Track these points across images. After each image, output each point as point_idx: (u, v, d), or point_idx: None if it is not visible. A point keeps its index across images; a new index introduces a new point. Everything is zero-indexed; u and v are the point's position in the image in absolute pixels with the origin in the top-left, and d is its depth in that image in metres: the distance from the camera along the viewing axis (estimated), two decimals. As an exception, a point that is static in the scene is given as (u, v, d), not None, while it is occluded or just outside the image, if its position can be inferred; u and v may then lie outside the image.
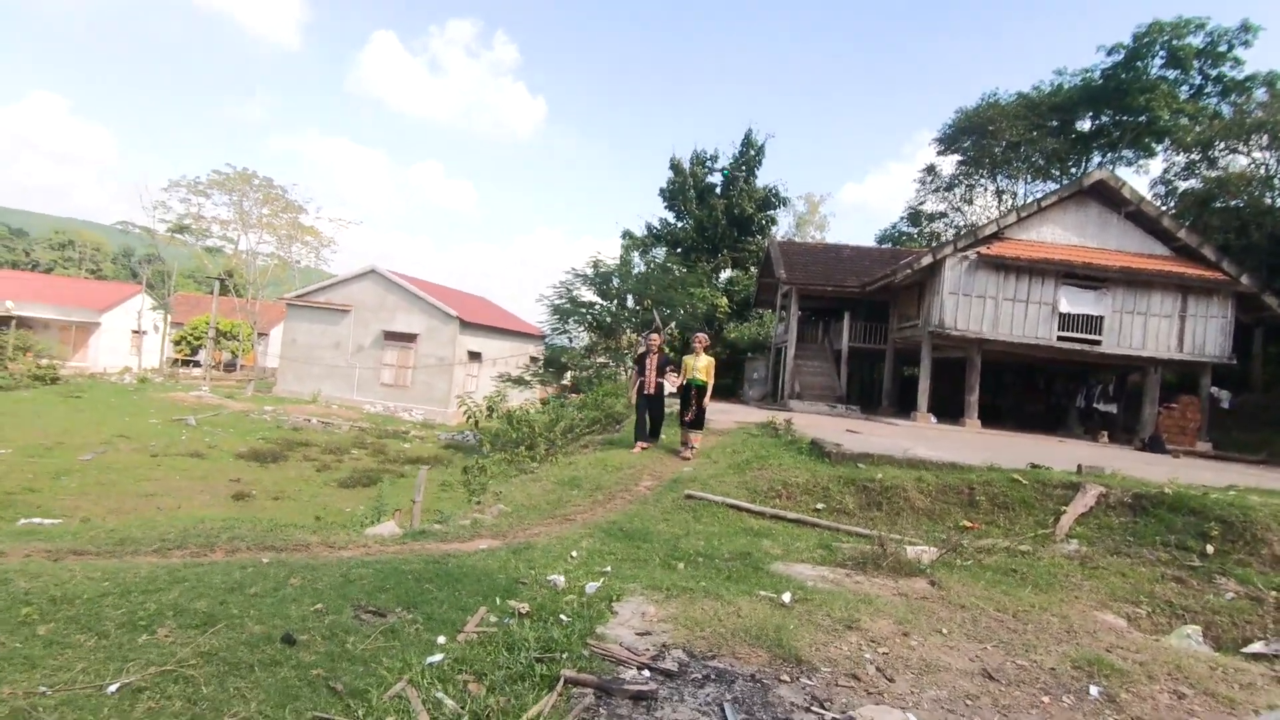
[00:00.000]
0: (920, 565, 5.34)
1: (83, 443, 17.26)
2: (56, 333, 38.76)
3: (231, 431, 21.43)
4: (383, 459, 20.05)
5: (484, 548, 5.13)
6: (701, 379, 9.14)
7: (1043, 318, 16.26)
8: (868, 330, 21.00)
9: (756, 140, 29.67)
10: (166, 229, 38.86)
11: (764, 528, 6.28)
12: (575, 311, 23.96)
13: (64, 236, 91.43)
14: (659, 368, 9.50)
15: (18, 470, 14.11)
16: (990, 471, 7.63)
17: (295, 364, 31.61)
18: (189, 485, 14.75)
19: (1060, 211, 16.93)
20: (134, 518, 9.76)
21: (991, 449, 10.74)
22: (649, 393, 9.46)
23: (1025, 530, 6.55)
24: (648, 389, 9.43)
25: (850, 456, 7.90)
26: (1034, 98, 31.75)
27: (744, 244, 29.49)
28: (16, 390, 23.89)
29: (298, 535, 4.93)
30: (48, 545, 4.39)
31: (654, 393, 9.44)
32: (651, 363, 9.50)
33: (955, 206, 36.95)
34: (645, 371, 9.51)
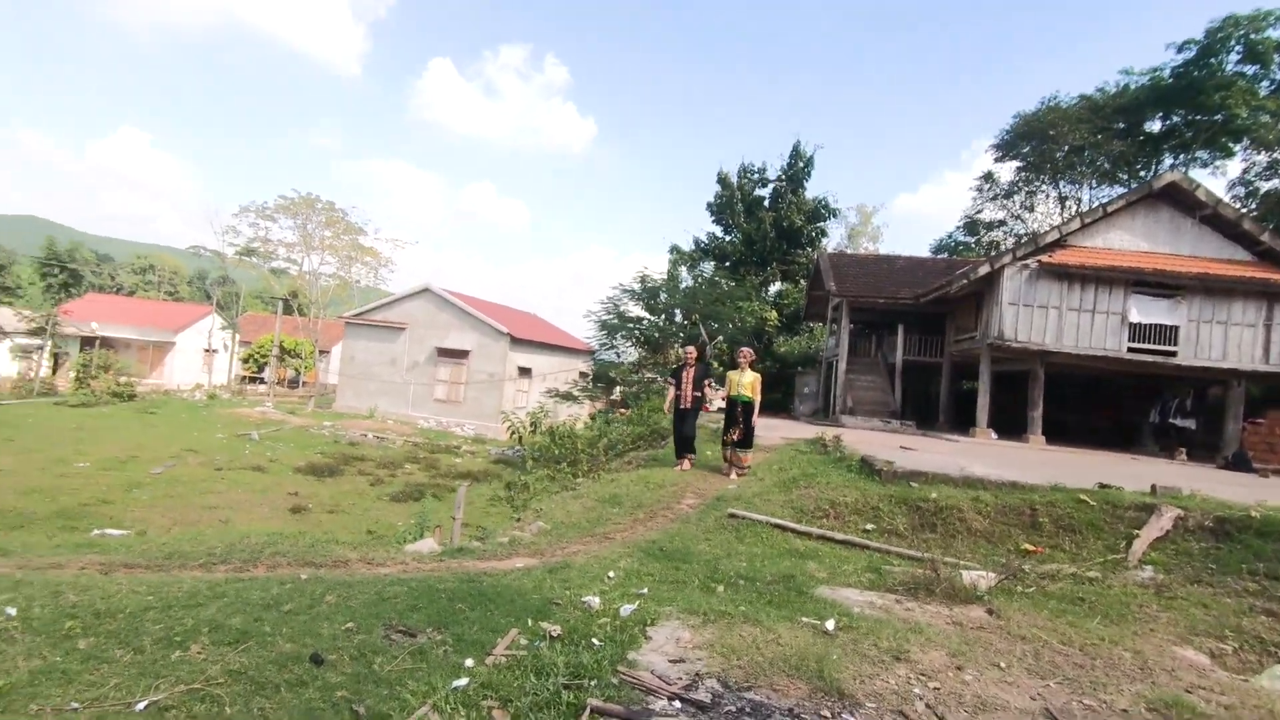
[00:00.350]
0: (977, 592, 5.03)
1: (154, 457, 18.08)
2: (135, 352, 41.04)
3: (292, 446, 22.15)
4: (434, 473, 20.37)
5: (520, 566, 5.07)
6: (748, 395, 8.80)
7: (1111, 328, 15.43)
8: (923, 343, 20.34)
9: (805, 152, 29.33)
10: (235, 252, 40.78)
11: (810, 549, 6.05)
12: (623, 327, 24.00)
13: (145, 261, 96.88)
14: (695, 381, 9.23)
15: (94, 483, 14.85)
16: (1054, 491, 7.21)
17: (353, 380, 32.58)
18: (250, 498, 15.25)
19: (1128, 217, 16.10)
20: (194, 530, 10.11)
21: (1056, 467, 10.19)
22: (684, 406, 9.21)
23: (1094, 555, 6.13)
24: (683, 403, 9.20)
25: (902, 475, 7.58)
26: (1098, 100, 30.48)
27: (793, 256, 29.09)
28: (98, 407, 25.28)
29: (338, 551, 4.98)
30: (102, 558, 4.54)
31: (689, 406, 9.20)
32: (687, 376, 9.25)
33: (1015, 214, 35.69)
34: (681, 385, 9.25)
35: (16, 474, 14.96)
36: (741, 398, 8.78)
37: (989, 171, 35.50)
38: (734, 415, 8.78)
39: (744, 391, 8.79)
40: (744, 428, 8.71)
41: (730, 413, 8.88)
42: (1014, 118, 32.39)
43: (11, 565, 4.39)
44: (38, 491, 13.64)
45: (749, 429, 8.77)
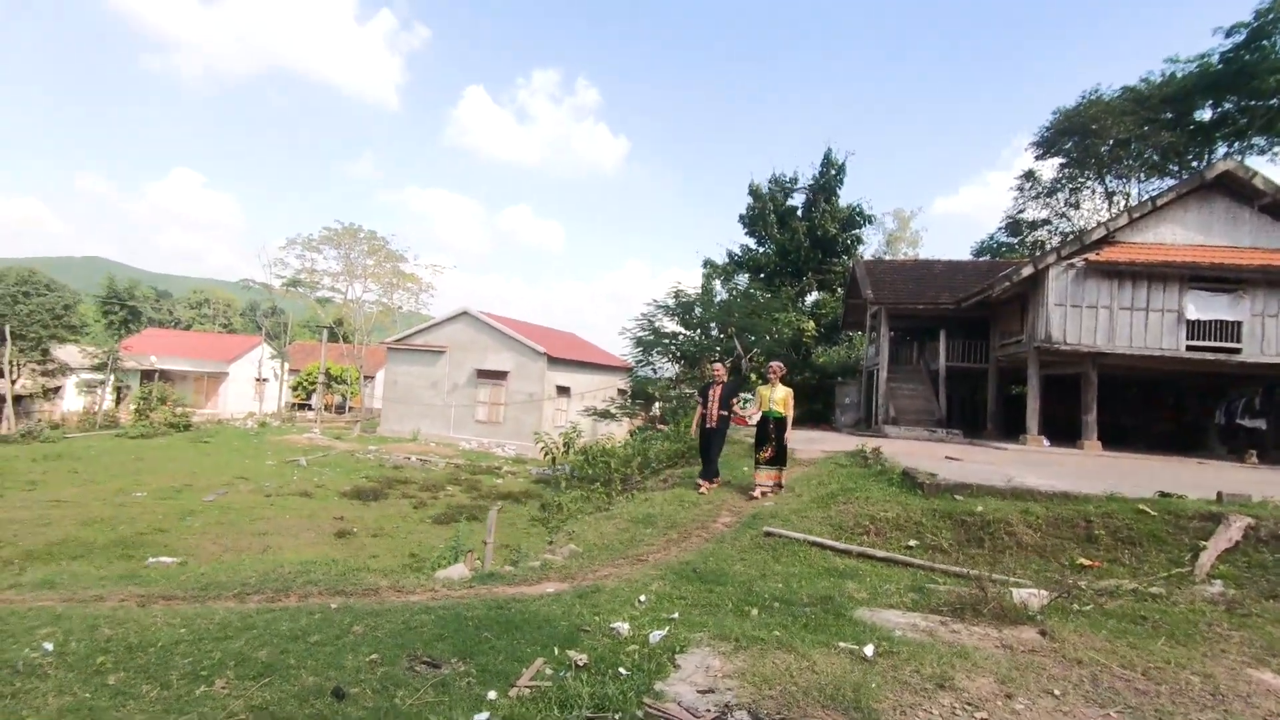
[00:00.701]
0: (1028, 611, 4.76)
1: (207, 485, 18.65)
2: (191, 383, 42.67)
3: (338, 471, 22.61)
4: (475, 495, 20.52)
5: (551, 591, 5.00)
6: (779, 411, 8.51)
7: (1167, 327, 14.73)
8: (967, 348, 19.76)
9: (836, 159, 29.01)
10: (281, 284, 42.11)
11: (850, 568, 5.84)
12: (658, 343, 23.93)
13: (200, 296, 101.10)
14: (722, 399, 8.99)
15: (151, 511, 15.37)
16: (1111, 501, 6.84)
17: (396, 404, 33.19)
18: (297, 524, 15.57)
19: (1180, 209, 15.41)
20: (240, 557, 10.33)
21: (1114, 474, 9.72)
22: (710, 426, 8.96)
23: (1156, 569, 5.78)
24: (709, 421, 8.96)
25: (946, 487, 7.29)
26: (1142, 91, 29.42)
27: (829, 265, 28.69)
28: (156, 437, 26.28)
29: (368, 580, 4.99)
30: (142, 590, 4.62)
31: (715, 425, 8.94)
32: (714, 394, 9.02)
33: (1060, 212, 34.58)
34: (708, 403, 9.02)
35: (79, 504, 15.59)
36: (773, 413, 8.51)
37: (1030, 170, 34.53)
38: (765, 432, 8.51)
39: (775, 407, 8.52)
40: (776, 445, 8.44)
41: (762, 430, 8.60)
42: (1053, 113, 31.50)
43: (57, 598, 4.51)
44: (98, 521, 14.16)
45: (781, 446, 8.49)
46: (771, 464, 8.44)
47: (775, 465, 8.46)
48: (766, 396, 8.67)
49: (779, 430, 8.45)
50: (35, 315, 31.66)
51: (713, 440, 9.01)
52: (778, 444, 8.43)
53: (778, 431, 8.44)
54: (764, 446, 8.50)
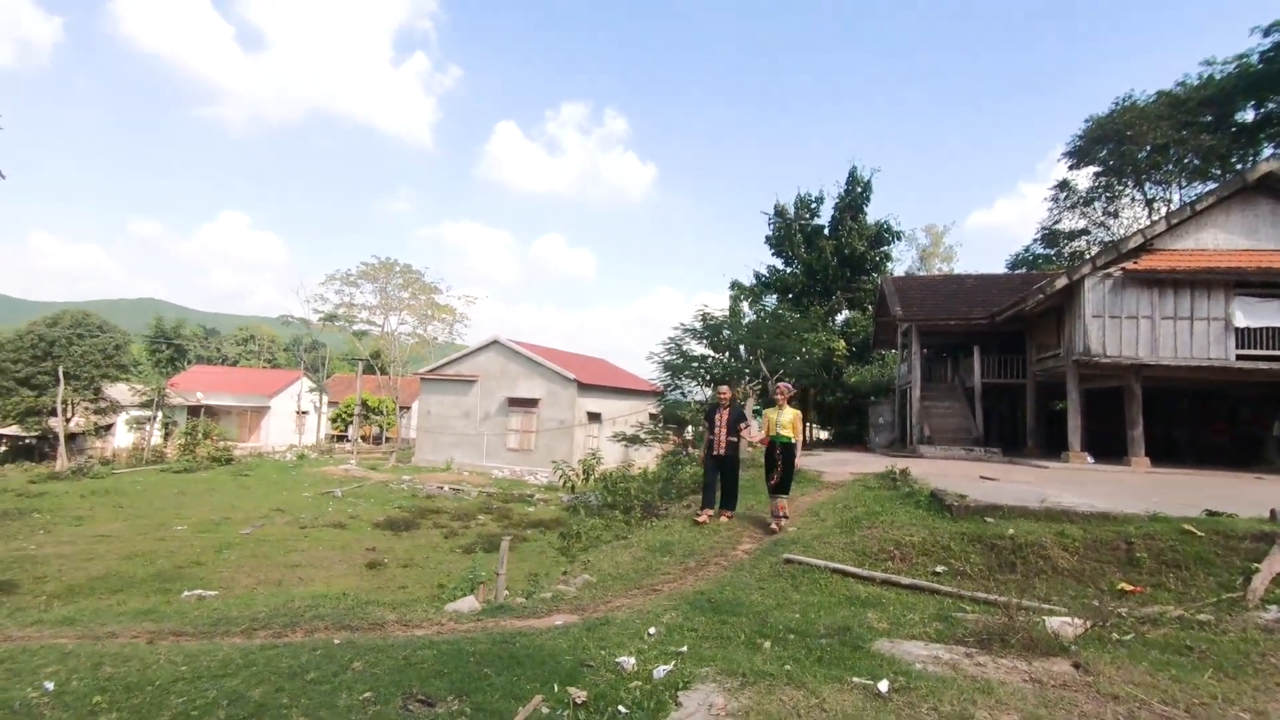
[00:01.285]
0: (1061, 641, 4.48)
1: (245, 517, 19.00)
2: (235, 417, 43.87)
3: (372, 502, 22.85)
4: (506, 523, 20.50)
5: (559, 624, 4.90)
6: (787, 435, 8.08)
7: (1214, 335, 14.10)
8: (1002, 364, 19.20)
9: (862, 176, 28.74)
10: (319, 318, 43.21)
11: (872, 596, 5.60)
12: (687, 366, 23.77)
13: (246, 333, 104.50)
14: (730, 423, 8.53)
15: (190, 545, 15.69)
16: (1154, 521, 6.49)
17: (430, 434, 33.56)
18: (330, 555, 15.72)
19: (1222, 213, 14.83)
20: (257, 590, 10.42)
21: (1159, 492, 9.26)
22: (719, 453, 8.52)
23: (1204, 595, 5.42)
24: (717, 448, 8.51)
25: (976, 509, 7.00)
26: (1179, 95, 28.67)
27: (858, 284, 28.30)
28: (199, 472, 26.97)
29: (375, 614, 4.95)
30: (154, 626, 4.65)
31: (724, 452, 8.51)
32: (722, 418, 8.57)
33: (1098, 222, 33.71)
34: (715, 428, 8.58)
35: (123, 539, 16.01)
36: (780, 438, 8.09)
37: (1064, 180, 33.85)
38: (773, 457, 8.10)
39: (782, 431, 8.10)
40: (783, 472, 8.01)
41: (769, 455, 8.20)
42: (1086, 121, 30.89)
43: (72, 635, 4.57)
44: (139, 555, 14.50)
45: (789, 472, 8.08)
46: (778, 491, 8.02)
47: (780, 492, 8.02)
48: (773, 420, 8.24)
49: (786, 456, 8.04)
50: (88, 355, 32.99)
51: (723, 468, 8.61)
52: (784, 470, 8.01)
53: (785, 457, 8.03)
54: (772, 472, 8.13)
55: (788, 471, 8.00)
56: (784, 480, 7.98)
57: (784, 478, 7.98)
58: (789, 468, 8.00)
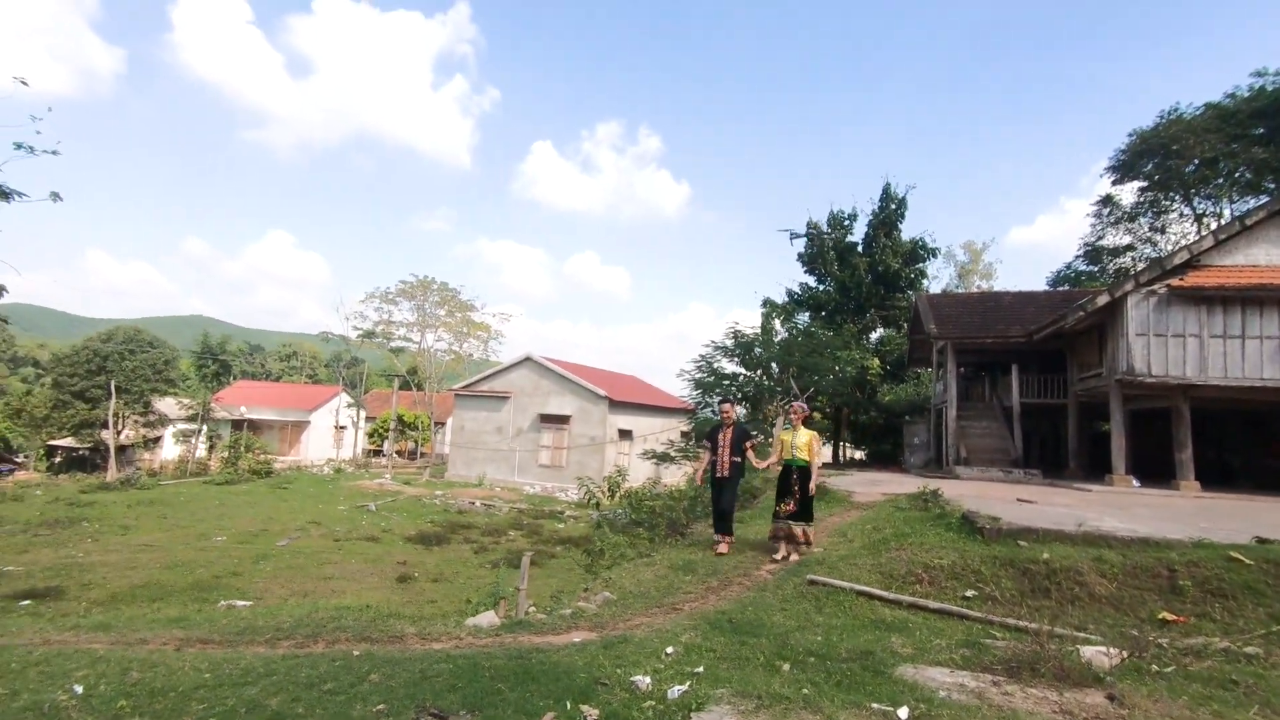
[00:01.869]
0: (1096, 672, 4.30)
1: (282, 529, 19.41)
2: (277, 431, 44.98)
3: (405, 516, 23.15)
4: (536, 540, 20.55)
5: (577, 641, 4.88)
6: (803, 458, 7.51)
7: (1269, 355, 13.52)
8: (1042, 383, 18.67)
9: (896, 193, 28.45)
10: (358, 335, 44.23)
11: (898, 619, 5.46)
12: (718, 384, 23.66)
13: (289, 349, 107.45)
14: (734, 443, 7.98)
15: (228, 556, 16.07)
16: (1198, 548, 6.22)
17: (463, 450, 33.93)
18: (362, 568, 15.94)
19: (1274, 228, 14.26)
20: (303, 602, 10.59)
21: (1209, 518, 8.88)
22: (722, 475, 7.99)
23: (1252, 626, 5.16)
24: (720, 470, 7.99)
25: (1009, 532, 6.79)
26: (1228, 107, 27.83)
27: (893, 301, 27.91)
28: (239, 484, 27.68)
29: (396, 626, 5.00)
30: (183, 634, 4.77)
31: (727, 474, 7.98)
32: (725, 437, 8.02)
33: (1144, 238, 32.73)
34: (718, 449, 8.04)
35: (164, 549, 16.48)
36: (796, 461, 7.53)
37: (1107, 195, 32.97)
38: (788, 483, 7.52)
39: (798, 454, 7.54)
40: (801, 498, 7.43)
41: (784, 480, 7.60)
42: (1129, 135, 30.15)
43: (106, 640, 4.70)
44: (180, 565, 14.90)
45: (806, 499, 7.48)
46: (796, 518, 7.45)
47: (800, 520, 7.46)
48: (788, 442, 7.68)
49: (803, 480, 7.47)
50: (139, 370, 34.27)
51: (725, 490, 8.09)
52: (802, 496, 7.44)
53: (801, 482, 7.47)
54: (786, 499, 7.52)
55: (806, 496, 7.47)
56: (804, 506, 7.46)
57: (803, 503, 7.46)
58: (807, 493, 7.47)
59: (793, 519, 7.41)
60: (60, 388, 33.07)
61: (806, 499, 7.46)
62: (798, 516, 7.42)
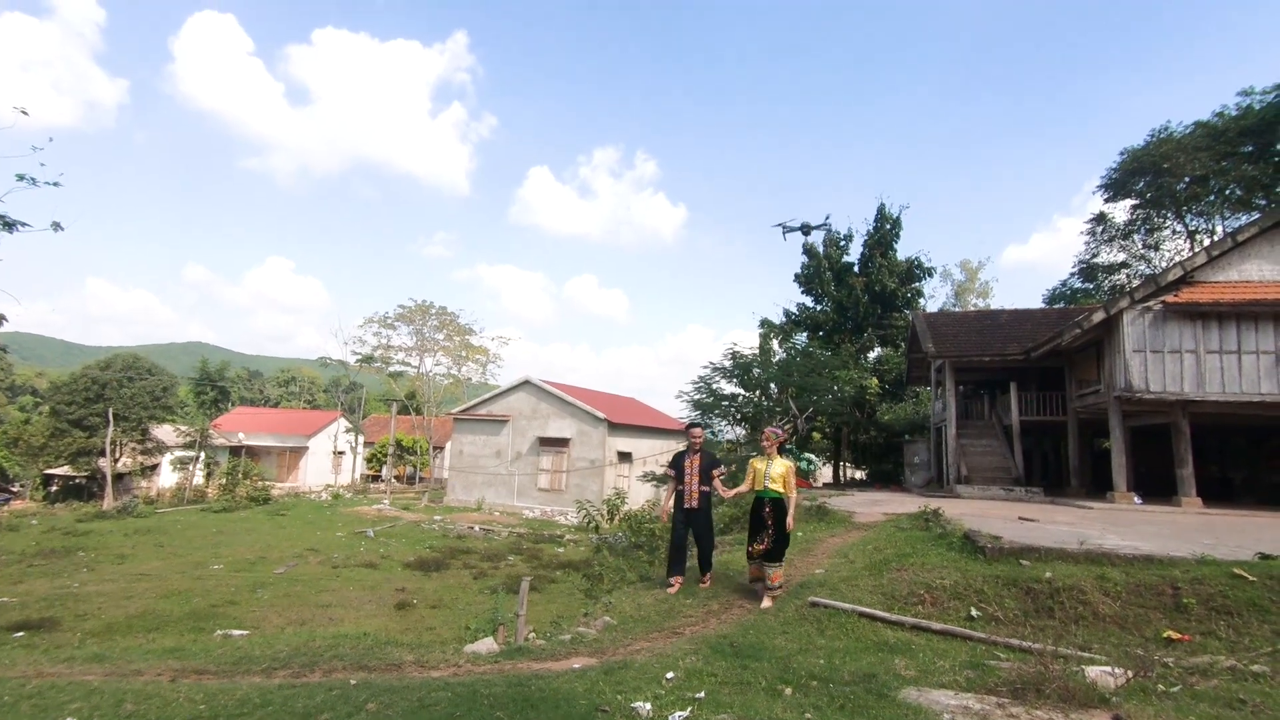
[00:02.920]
0: (1101, 693, 4.26)
1: (280, 557, 19.23)
2: (275, 457, 44.77)
3: (403, 542, 22.97)
4: (536, 564, 20.37)
5: (577, 667, 4.82)
6: (777, 490, 6.68)
7: (1265, 370, 13.56)
8: (1042, 401, 18.68)
9: (890, 214, 28.72)
10: (356, 360, 44.21)
11: (901, 641, 5.41)
12: (716, 405, 23.67)
13: (288, 374, 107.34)
14: (702, 470, 7.29)
15: (225, 584, 15.91)
16: (1202, 565, 6.19)
17: (462, 474, 33.77)
18: (360, 595, 15.77)
19: (1266, 244, 14.39)
20: (300, 631, 10.48)
21: (1212, 534, 8.84)
22: (690, 506, 7.27)
23: (1258, 644, 5.12)
24: (688, 501, 7.27)
25: (1011, 551, 6.75)
26: (1217, 125, 28.22)
27: (890, 320, 28.04)
28: (237, 511, 27.49)
29: (393, 654, 4.95)
30: (178, 664, 4.72)
31: (696, 505, 7.27)
32: (692, 464, 7.32)
33: (1138, 255, 32.99)
34: (685, 477, 7.32)
35: (160, 577, 16.31)
36: (769, 494, 6.71)
37: (1101, 213, 33.29)
38: (761, 518, 6.72)
39: (772, 485, 6.71)
40: (775, 534, 6.60)
41: (756, 515, 6.81)
42: (1121, 154, 30.50)
43: (101, 672, 4.65)
44: (176, 594, 14.74)
45: (781, 537, 6.64)
46: (769, 558, 6.62)
47: (771, 560, 6.62)
48: (761, 471, 6.82)
49: (777, 515, 6.65)
50: (137, 398, 34.20)
51: (692, 523, 7.34)
52: (776, 533, 6.62)
53: (776, 516, 6.65)
54: (759, 536, 6.69)
55: (780, 534, 6.63)
56: (777, 545, 6.61)
57: (776, 541, 6.61)
58: (782, 529, 6.64)
59: (766, 558, 6.63)
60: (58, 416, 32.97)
61: (781, 537, 6.66)
62: (771, 556, 6.61)
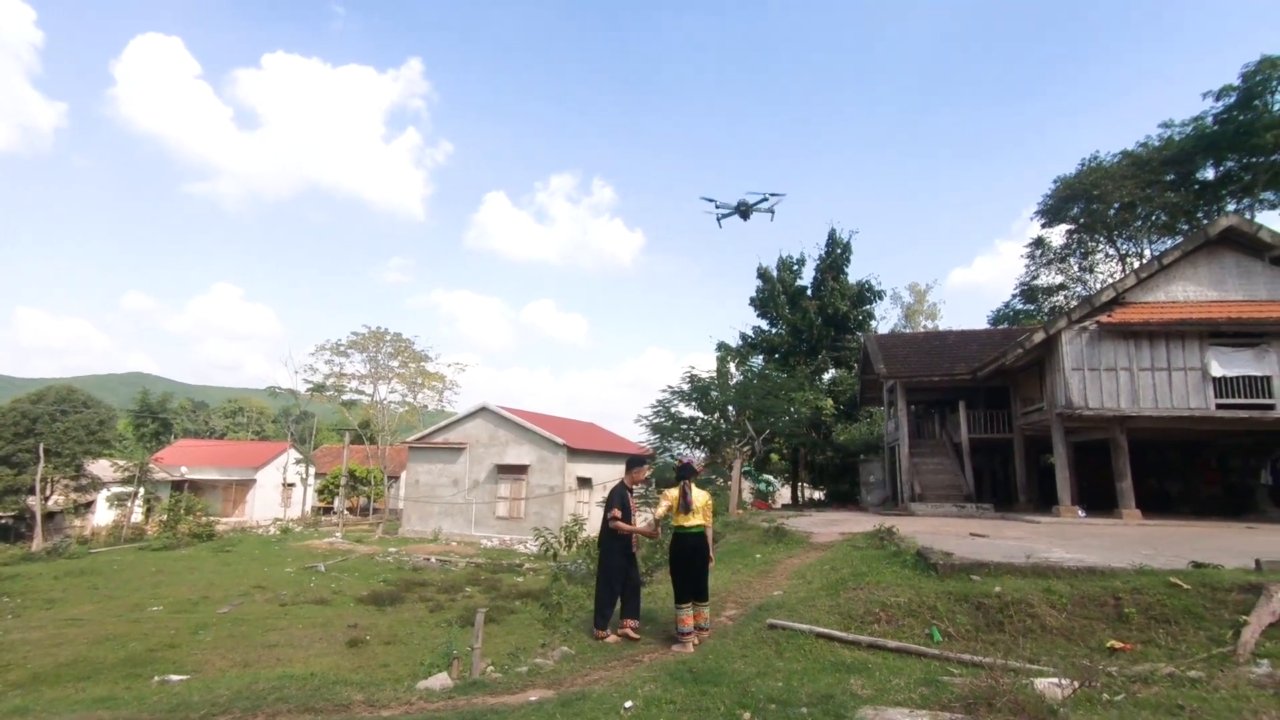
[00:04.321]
0: (1049, 704, 4.36)
1: (224, 596, 18.39)
2: (220, 491, 43.04)
3: (356, 575, 22.23)
4: (495, 595, 19.89)
5: (534, 699, 4.73)
6: (698, 524, 6.29)
7: (1193, 385, 14.27)
8: (990, 419, 19.26)
9: (841, 238, 29.54)
10: (308, 389, 43.04)
11: (858, 660, 5.45)
12: (675, 429, 23.73)
13: (235, 405, 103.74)
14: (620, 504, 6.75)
15: (164, 626, 15.11)
16: (1141, 575, 6.42)
17: (418, 504, 32.98)
18: (309, 633, 15.15)
19: (1189, 266, 15.25)
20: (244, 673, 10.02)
21: (1151, 544, 9.19)
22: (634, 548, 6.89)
23: (1194, 650, 5.32)
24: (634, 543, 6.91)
25: (962, 567, 6.91)
26: (1141, 155, 29.96)
27: (843, 342, 28.67)
28: (179, 549, 26.24)
29: (343, 694, 4.77)
30: (109, 715, 4.47)
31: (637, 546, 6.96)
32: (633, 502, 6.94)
33: (1075, 277, 34.60)
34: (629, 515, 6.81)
35: (94, 622, 15.40)
36: (690, 530, 6.29)
37: (1039, 237, 34.86)
38: (684, 556, 6.30)
39: (693, 520, 6.32)
40: (699, 573, 6.24)
41: (678, 554, 6.34)
42: (1055, 182, 32.05)
43: (22, 727, 4.36)
44: (111, 639, 13.93)
45: (703, 573, 6.28)
46: (696, 598, 6.24)
47: (699, 600, 6.25)
48: (679, 503, 6.38)
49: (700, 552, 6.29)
50: (71, 432, 32.56)
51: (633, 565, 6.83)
52: (700, 570, 6.27)
53: (699, 554, 6.29)
54: (682, 576, 6.29)
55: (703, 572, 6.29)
56: (699, 584, 6.24)
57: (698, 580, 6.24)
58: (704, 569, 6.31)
59: (696, 599, 6.23)
60: (-17, 452, 31.12)
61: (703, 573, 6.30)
62: (698, 596, 6.24)
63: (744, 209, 18.09)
